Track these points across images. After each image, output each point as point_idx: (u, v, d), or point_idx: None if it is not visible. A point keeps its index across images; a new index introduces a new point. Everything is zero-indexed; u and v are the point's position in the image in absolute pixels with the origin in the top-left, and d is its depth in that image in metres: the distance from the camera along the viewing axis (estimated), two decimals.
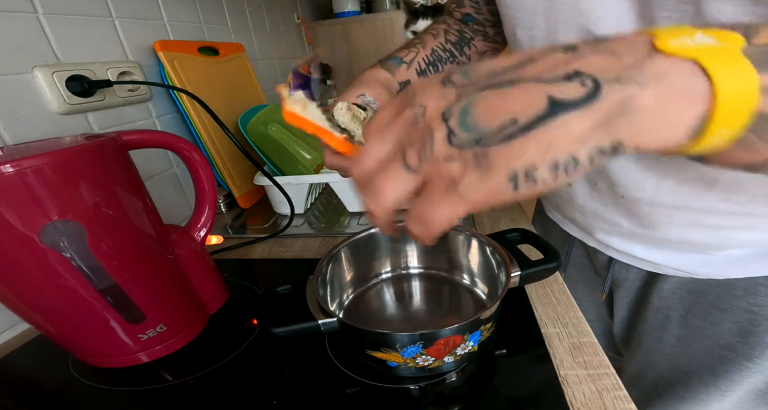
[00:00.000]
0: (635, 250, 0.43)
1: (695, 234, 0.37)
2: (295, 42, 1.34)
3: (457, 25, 0.47)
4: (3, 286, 0.33)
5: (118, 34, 0.61)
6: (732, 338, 0.40)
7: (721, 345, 0.41)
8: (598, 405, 0.30)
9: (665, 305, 0.44)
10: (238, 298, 0.50)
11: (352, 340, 0.35)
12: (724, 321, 0.40)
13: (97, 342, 0.38)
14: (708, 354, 0.42)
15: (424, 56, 0.44)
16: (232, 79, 0.84)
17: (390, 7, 1.60)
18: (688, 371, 0.44)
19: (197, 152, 0.44)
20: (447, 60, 0.45)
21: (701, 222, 0.36)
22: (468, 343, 0.32)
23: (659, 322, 0.45)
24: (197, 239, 0.46)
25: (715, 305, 0.40)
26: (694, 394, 0.44)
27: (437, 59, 0.44)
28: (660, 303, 0.44)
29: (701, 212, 0.35)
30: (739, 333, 0.39)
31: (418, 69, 0.43)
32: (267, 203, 0.76)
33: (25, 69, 0.48)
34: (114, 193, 0.34)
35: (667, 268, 0.41)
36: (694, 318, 0.42)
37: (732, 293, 0.39)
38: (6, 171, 0.28)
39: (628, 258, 0.45)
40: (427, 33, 0.47)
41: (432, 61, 0.44)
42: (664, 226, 0.38)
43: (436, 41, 0.45)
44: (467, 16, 0.47)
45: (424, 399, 0.33)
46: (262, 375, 0.37)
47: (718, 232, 0.36)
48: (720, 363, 0.41)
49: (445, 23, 0.47)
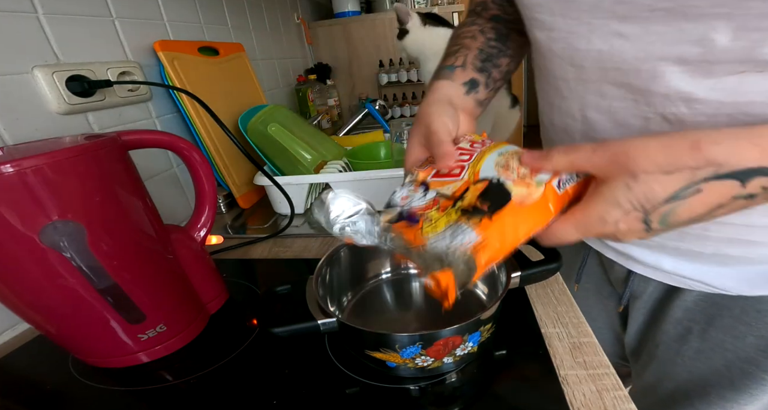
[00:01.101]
0: (663, 262, 0.41)
1: (730, 248, 0.35)
2: (295, 42, 1.35)
3: (490, 24, 0.46)
4: (3, 286, 0.33)
5: (118, 34, 0.61)
6: (755, 352, 0.39)
7: (743, 359, 0.40)
8: (598, 405, 0.30)
9: (687, 318, 0.43)
10: (238, 298, 0.50)
11: (351, 340, 0.35)
12: (747, 335, 0.39)
13: (97, 342, 0.38)
14: (729, 368, 0.41)
15: (474, 56, 0.43)
16: (232, 79, 0.84)
17: (390, 7, 1.60)
18: (707, 384, 0.43)
19: (197, 152, 0.44)
20: (498, 55, 0.45)
21: (738, 237, 0.34)
22: (467, 344, 0.32)
23: (679, 334, 0.44)
24: (197, 239, 0.46)
25: (740, 320, 0.39)
26: (711, 407, 0.43)
27: (490, 56, 0.44)
28: (682, 315, 0.43)
29: (739, 227, 0.34)
30: (765, 347, 0.39)
31: (475, 68, 0.43)
32: (267, 203, 0.76)
33: (25, 69, 0.48)
34: (114, 193, 0.34)
35: (692, 282, 0.40)
36: (716, 331, 0.41)
37: (758, 308, 0.38)
38: (6, 171, 0.28)
39: (652, 271, 0.43)
40: (462, 37, 0.46)
41: (485, 58, 0.43)
42: (699, 239, 0.36)
43: (477, 42, 0.44)
44: (495, 17, 0.47)
45: (423, 399, 0.33)
46: (262, 375, 0.37)
47: (755, 248, 0.35)
48: (740, 377, 0.41)
49: (475, 24, 0.47)
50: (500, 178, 0.29)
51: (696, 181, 0.22)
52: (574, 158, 0.25)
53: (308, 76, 1.32)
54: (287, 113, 0.80)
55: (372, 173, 0.66)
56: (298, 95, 1.26)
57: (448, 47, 0.46)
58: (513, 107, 0.89)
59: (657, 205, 0.23)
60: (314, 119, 1.17)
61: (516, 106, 0.90)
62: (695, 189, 0.22)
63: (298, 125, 0.78)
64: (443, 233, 0.28)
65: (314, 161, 0.72)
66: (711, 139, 0.21)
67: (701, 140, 0.21)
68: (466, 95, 0.41)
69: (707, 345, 0.42)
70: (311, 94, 1.27)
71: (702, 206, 0.23)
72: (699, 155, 0.21)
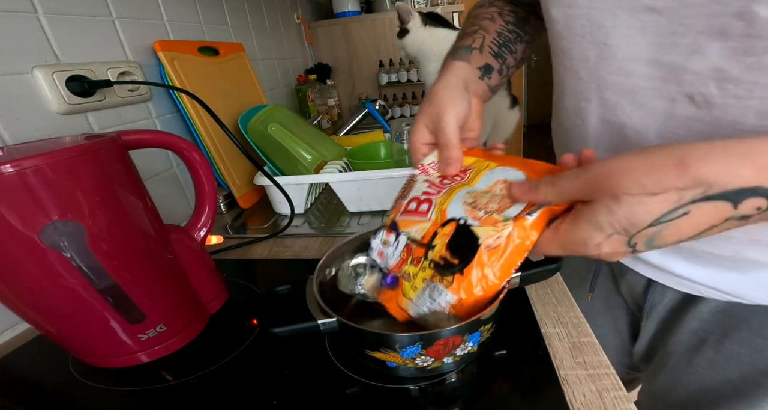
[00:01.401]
0: (673, 266, 0.39)
1: (749, 250, 0.33)
2: (295, 42, 1.35)
3: (509, 6, 0.45)
4: (3, 286, 0.33)
5: (118, 34, 0.61)
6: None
7: (759, 372, 0.39)
8: (598, 405, 0.30)
9: (703, 328, 0.42)
10: (238, 298, 0.50)
11: (351, 340, 0.35)
12: (765, 349, 0.38)
13: (97, 342, 0.38)
14: (744, 380, 0.40)
15: (492, 39, 0.42)
16: (232, 79, 0.84)
17: (390, 7, 1.60)
18: (719, 395, 0.42)
19: (197, 152, 0.44)
20: (516, 40, 0.44)
21: (758, 238, 0.32)
22: (467, 344, 0.32)
23: (693, 344, 0.43)
24: (197, 239, 0.46)
25: (759, 333, 0.38)
26: None
27: (507, 41, 0.43)
28: (698, 326, 0.42)
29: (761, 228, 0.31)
30: None
31: (491, 52, 0.42)
32: (267, 203, 0.76)
33: (25, 69, 0.48)
34: (114, 193, 0.34)
35: (705, 288, 0.39)
36: (732, 343, 0.40)
37: None
38: (6, 171, 0.28)
39: (664, 276, 0.42)
40: (481, 18, 0.45)
41: (503, 43, 0.42)
42: (718, 240, 0.33)
43: (496, 25, 0.43)
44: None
45: (423, 399, 0.33)
46: (262, 375, 0.37)
47: None
48: (754, 390, 0.40)
49: (494, 6, 0.46)
50: (467, 219, 0.29)
51: (683, 203, 0.20)
52: (560, 187, 0.25)
53: (308, 76, 1.32)
54: (287, 113, 0.80)
55: (372, 173, 0.66)
56: (298, 95, 1.26)
57: (465, 26, 0.45)
58: (512, 108, 0.89)
59: (641, 228, 0.22)
60: (314, 119, 1.17)
61: (515, 106, 0.90)
62: (682, 212, 0.21)
63: (298, 125, 0.78)
64: (422, 296, 0.30)
65: (314, 161, 0.72)
66: (698, 155, 0.20)
67: (688, 157, 0.20)
68: (480, 80, 0.40)
69: (722, 356, 0.41)
70: (311, 94, 1.27)
71: (691, 228, 0.21)
72: (686, 175, 0.20)
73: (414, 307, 0.31)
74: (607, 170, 0.22)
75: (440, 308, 0.29)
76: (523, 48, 0.44)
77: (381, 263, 0.35)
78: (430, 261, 0.30)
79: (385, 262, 0.34)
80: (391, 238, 0.34)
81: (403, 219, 0.34)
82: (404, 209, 0.34)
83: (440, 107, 0.35)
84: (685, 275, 0.39)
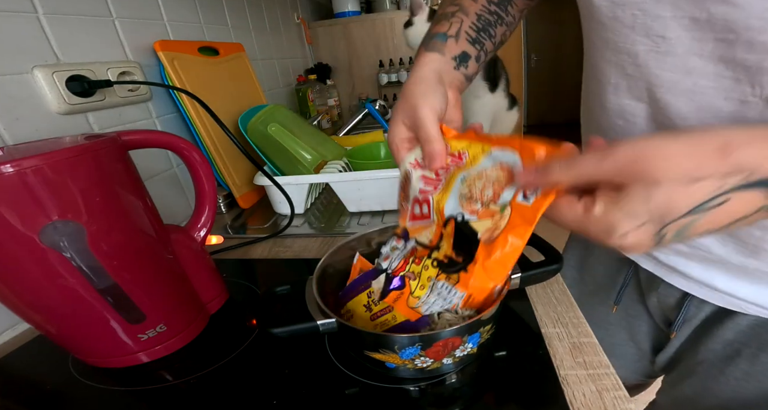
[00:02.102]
0: (716, 280, 0.37)
1: None
2: (295, 42, 1.35)
3: None
4: (3, 286, 0.33)
5: (118, 34, 0.61)
6: None
7: None
8: (598, 405, 0.30)
9: (739, 340, 0.40)
10: (238, 298, 0.50)
11: (350, 341, 0.35)
12: None
13: (97, 342, 0.38)
14: None
15: (470, 24, 0.40)
16: (232, 79, 0.84)
17: (390, 7, 1.60)
18: (754, 406, 0.41)
19: (197, 152, 0.44)
20: (495, 23, 0.41)
21: None
22: (467, 345, 0.32)
23: (727, 355, 0.41)
24: (197, 239, 0.46)
25: None
26: None
27: (486, 24, 0.40)
28: (734, 337, 0.40)
29: None
30: None
31: (469, 39, 0.39)
32: (267, 203, 0.76)
33: (25, 69, 0.48)
34: (114, 193, 0.34)
35: (747, 304, 0.37)
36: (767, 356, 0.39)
37: None
38: (6, 171, 0.28)
39: (703, 290, 0.40)
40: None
41: (481, 27, 0.40)
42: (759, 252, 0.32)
43: (477, 5, 0.41)
44: None
45: (423, 399, 0.33)
46: (262, 375, 0.37)
47: None
48: None
49: None
50: (464, 215, 0.29)
51: (725, 190, 0.19)
52: (579, 170, 0.22)
53: (308, 76, 1.32)
54: (287, 112, 0.80)
55: (372, 173, 0.66)
56: (298, 95, 1.26)
57: (443, 6, 0.43)
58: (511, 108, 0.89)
59: (677, 217, 0.20)
60: (314, 119, 1.17)
61: (515, 107, 0.89)
62: (723, 199, 0.19)
63: (298, 125, 0.78)
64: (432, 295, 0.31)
65: (314, 161, 0.72)
66: (742, 140, 0.18)
67: (731, 142, 0.18)
68: (456, 70, 0.38)
69: (757, 369, 0.40)
70: (311, 94, 1.27)
71: (726, 217, 0.20)
72: (728, 160, 0.18)
73: (426, 306, 0.31)
74: (639, 152, 0.20)
75: (452, 305, 0.29)
76: (502, 31, 0.42)
77: (386, 266, 0.35)
78: (433, 260, 0.30)
79: (389, 264, 0.35)
80: (401, 245, 0.35)
81: (412, 226, 0.34)
82: (411, 213, 0.35)
83: (415, 102, 0.34)
84: (728, 291, 0.37)
